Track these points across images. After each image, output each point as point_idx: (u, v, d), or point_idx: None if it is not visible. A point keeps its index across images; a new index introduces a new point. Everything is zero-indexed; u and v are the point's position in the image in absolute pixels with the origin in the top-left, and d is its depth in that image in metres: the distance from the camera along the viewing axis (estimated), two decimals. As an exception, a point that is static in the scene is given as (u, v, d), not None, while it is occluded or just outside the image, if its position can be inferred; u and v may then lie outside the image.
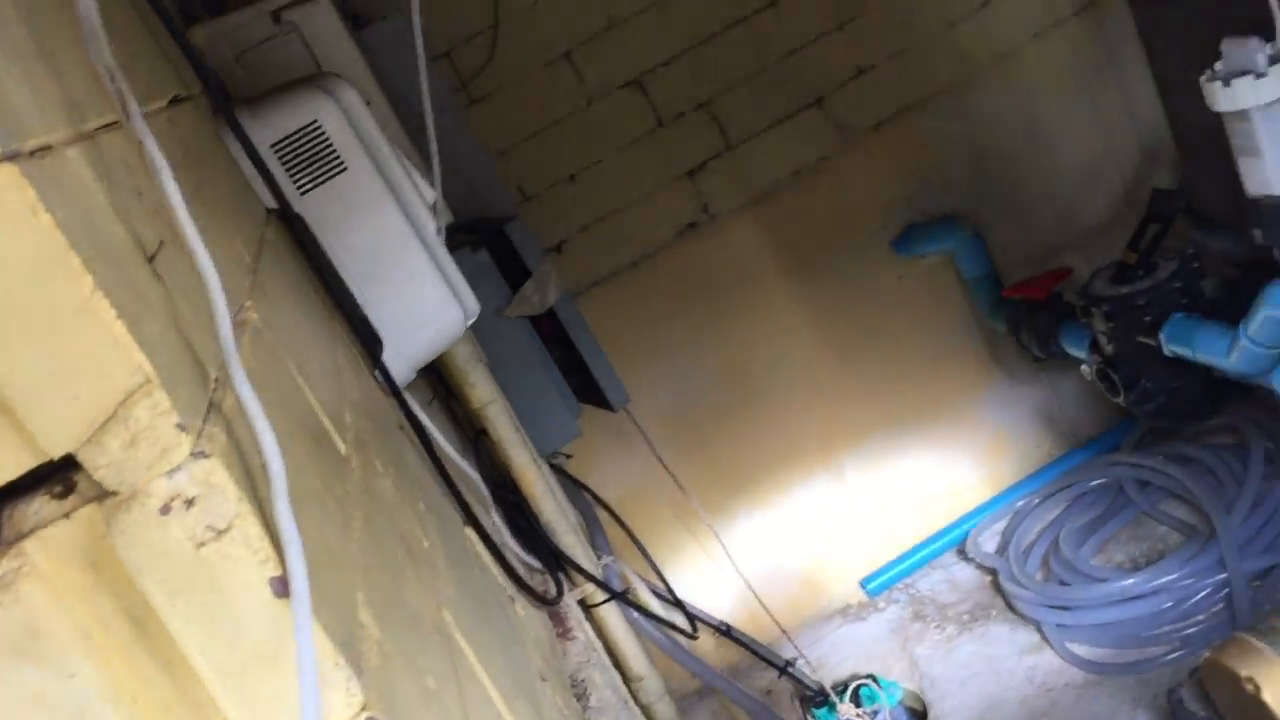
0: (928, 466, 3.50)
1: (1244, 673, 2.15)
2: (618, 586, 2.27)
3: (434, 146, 1.75)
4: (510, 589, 1.58)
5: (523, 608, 1.64)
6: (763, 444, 3.38)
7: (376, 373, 1.35)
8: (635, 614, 2.23)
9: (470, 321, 1.61)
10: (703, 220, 3.17)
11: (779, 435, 3.38)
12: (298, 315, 1.13)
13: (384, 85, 1.98)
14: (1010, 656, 3.10)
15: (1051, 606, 3.05)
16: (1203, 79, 2.30)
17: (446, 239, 1.64)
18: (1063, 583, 3.07)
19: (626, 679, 2.14)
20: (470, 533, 1.44)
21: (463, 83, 2.92)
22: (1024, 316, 3.11)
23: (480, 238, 2.31)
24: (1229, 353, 2.49)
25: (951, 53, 3.18)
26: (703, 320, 3.25)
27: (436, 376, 2.11)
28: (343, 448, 0.96)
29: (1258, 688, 2.12)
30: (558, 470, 2.53)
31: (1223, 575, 2.83)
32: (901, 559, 3.51)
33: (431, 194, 1.62)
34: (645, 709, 2.13)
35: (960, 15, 3.15)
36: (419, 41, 1.71)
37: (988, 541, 3.40)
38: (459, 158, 2.38)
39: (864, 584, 3.49)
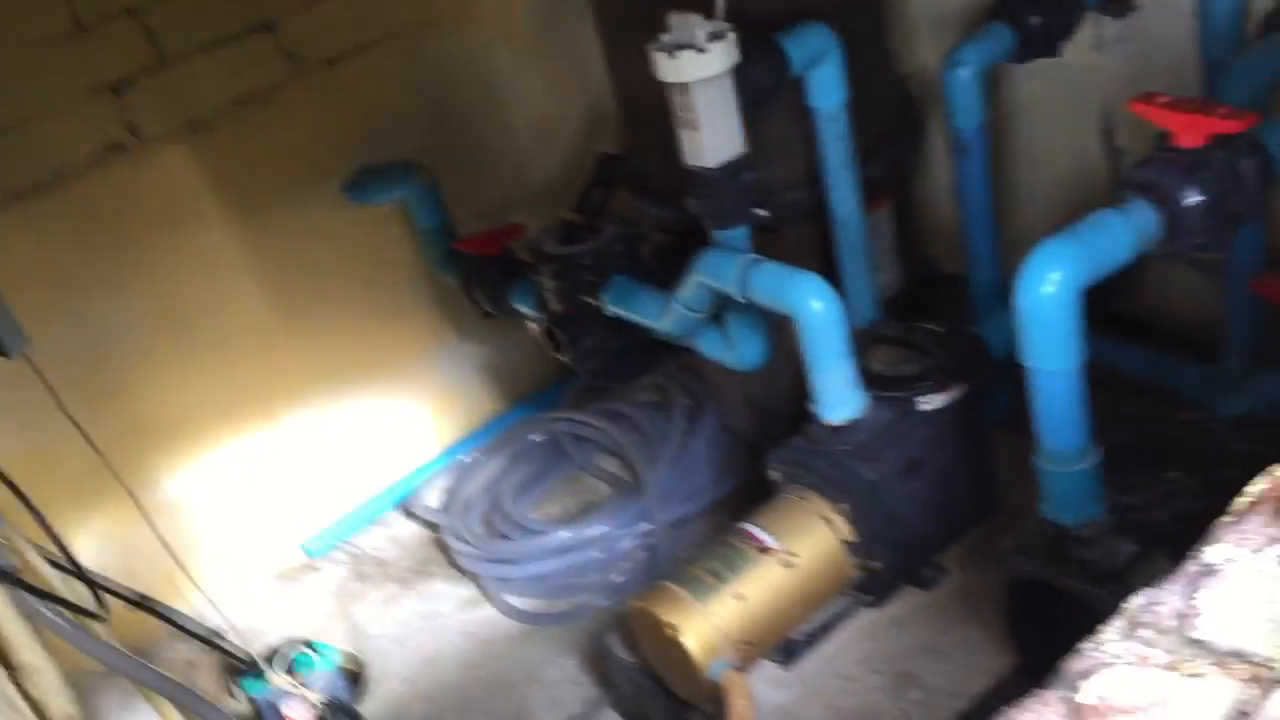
0: (373, 422, 3.39)
1: (666, 618, 2.27)
2: (6, 563, 1.92)
3: None
4: None
5: None
6: (196, 396, 3.08)
7: None
8: (26, 595, 1.90)
9: None
10: (130, 144, 2.80)
11: (215, 387, 3.10)
12: None
13: None
14: (450, 612, 3.09)
15: (490, 560, 3.07)
16: (651, 47, 2.37)
17: None
18: (504, 537, 3.11)
19: (13, 671, 1.82)
20: None
21: None
22: (475, 271, 3.09)
23: None
24: (662, 315, 2.62)
25: (412, -6, 3.08)
26: (129, 258, 2.88)
27: None
28: None
29: (678, 631, 2.25)
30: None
31: (647, 526, 3.01)
32: (343, 518, 3.37)
33: None
34: (37, 705, 1.82)
35: (421, -47, 3.05)
36: None
37: (431, 498, 3.36)
38: None
39: (303, 545, 3.31)
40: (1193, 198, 1.84)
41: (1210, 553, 1.14)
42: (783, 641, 2.42)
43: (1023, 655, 2.25)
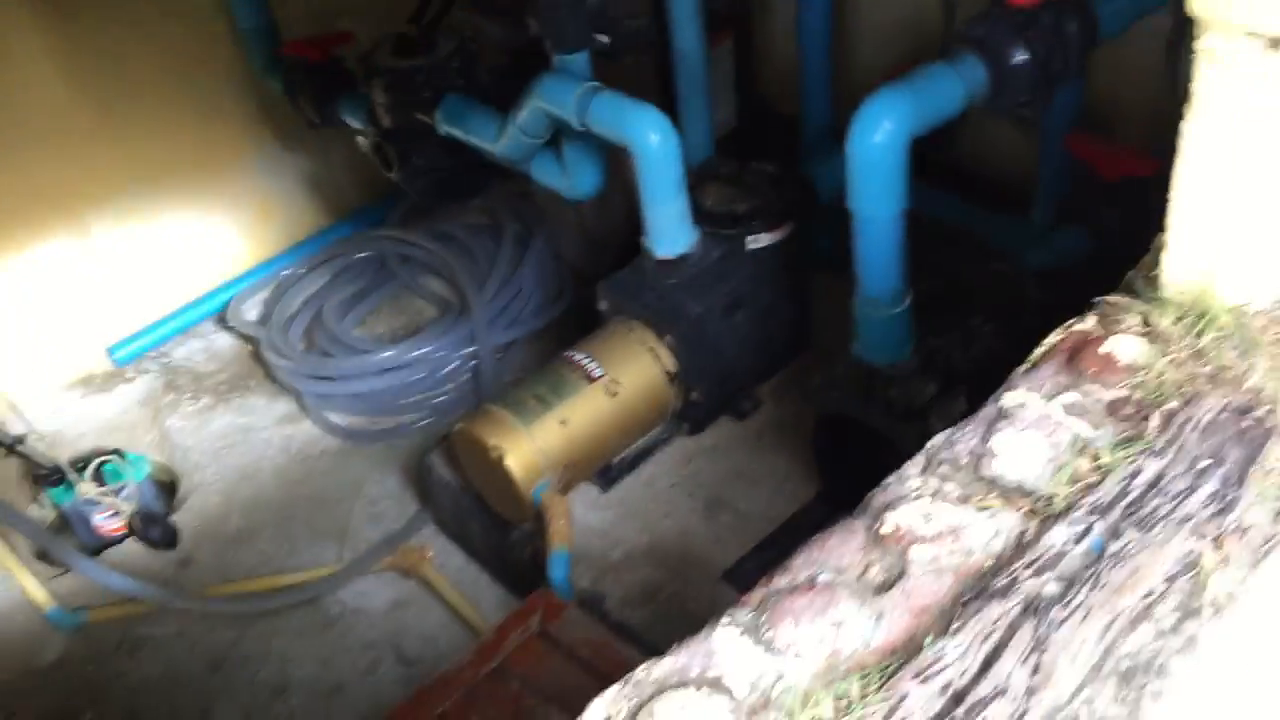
0: (187, 229, 3.25)
1: (491, 440, 2.31)
2: None
3: None
4: None
5: None
6: (-7, 196, 2.89)
7: None
8: None
9: None
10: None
11: (15, 188, 2.91)
12: None
13: None
14: (268, 427, 3.06)
15: (311, 376, 3.04)
16: None
17: None
18: (325, 353, 3.07)
19: None
20: None
21: None
22: (301, 78, 2.95)
23: None
24: (497, 138, 2.57)
25: None
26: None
27: None
28: None
29: (503, 454, 2.29)
30: None
31: (473, 348, 3.02)
32: (155, 326, 3.26)
33: None
34: None
35: None
36: None
37: (250, 310, 3.28)
38: None
39: (111, 351, 3.20)
40: (1020, 56, 1.90)
41: (1007, 398, 1.23)
42: (603, 466, 2.50)
43: (826, 484, 2.38)
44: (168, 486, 2.94)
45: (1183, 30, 2.58)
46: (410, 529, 2.73)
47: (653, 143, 2.29)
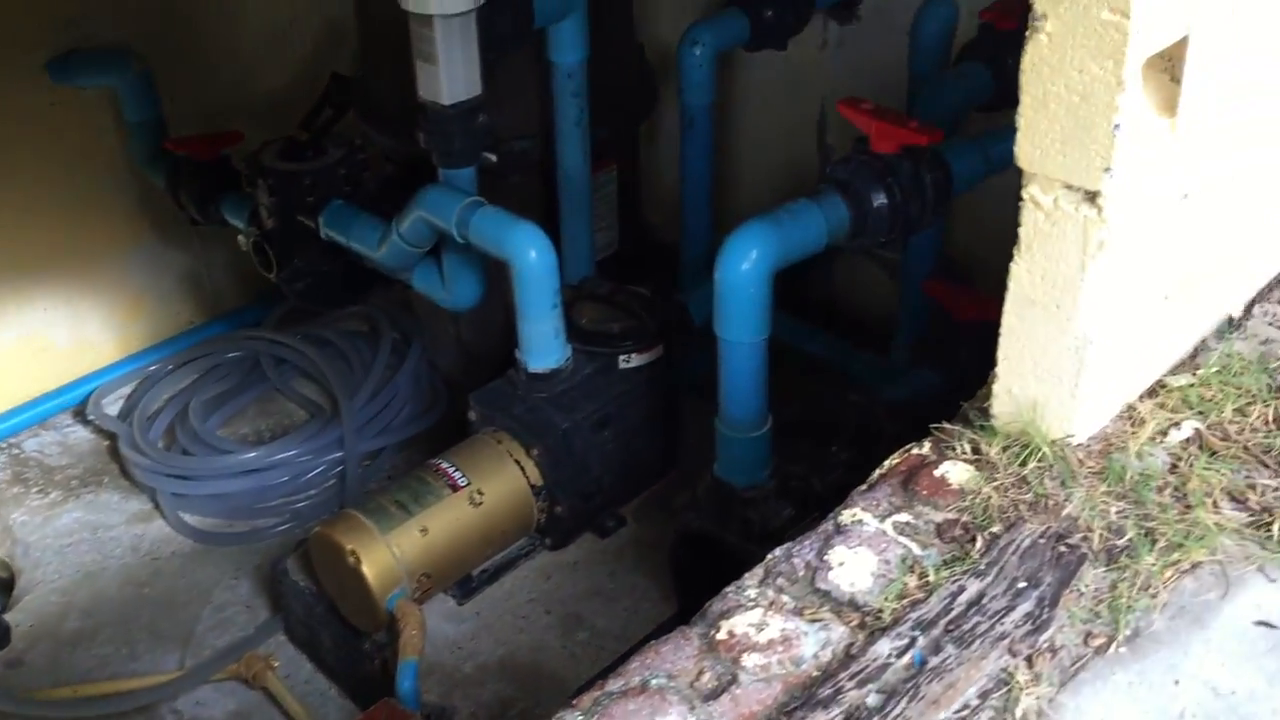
0: (53, 318, 3.18)
1: (348, 545, 2.28)
2: None
3: None
4: None
5: None
6: None
7: None
8: None
9: None
10: None
11: None
12: None
13: None
14: (118, 525, 2.96)
15: (168, 475, 2.96)
16: (397, -26, 2.35)
17: None
18: (186, 452, 3.01)
19: None
20: None
21: None
22: (186, 175, 2.95)
23: None
24: (379, 245, 2.60)
25: None
26: None
27: None
28: None
29: (359, 559, 2.26)
30: None
31: (339, 454, 2.98)
32: (7, 415, 3.16)
33: None
34: None
35: None
36: None
37: (111, 405, 3.20)
38: None
39: (-42, 440, 3.09)
40: (879, 199, 2.01)
41: (844, 515, 1.28)
42: (462, 577, 2.48)
43: (683, 603, 2.40)
44: (5, 583, 2.82)
45: (1035, 188, 2.77)
46: (259, 637, 2.65)
47: (531, 259, 2.34)
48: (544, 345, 2.46)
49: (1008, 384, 1.31)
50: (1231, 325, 1.47)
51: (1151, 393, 1.37)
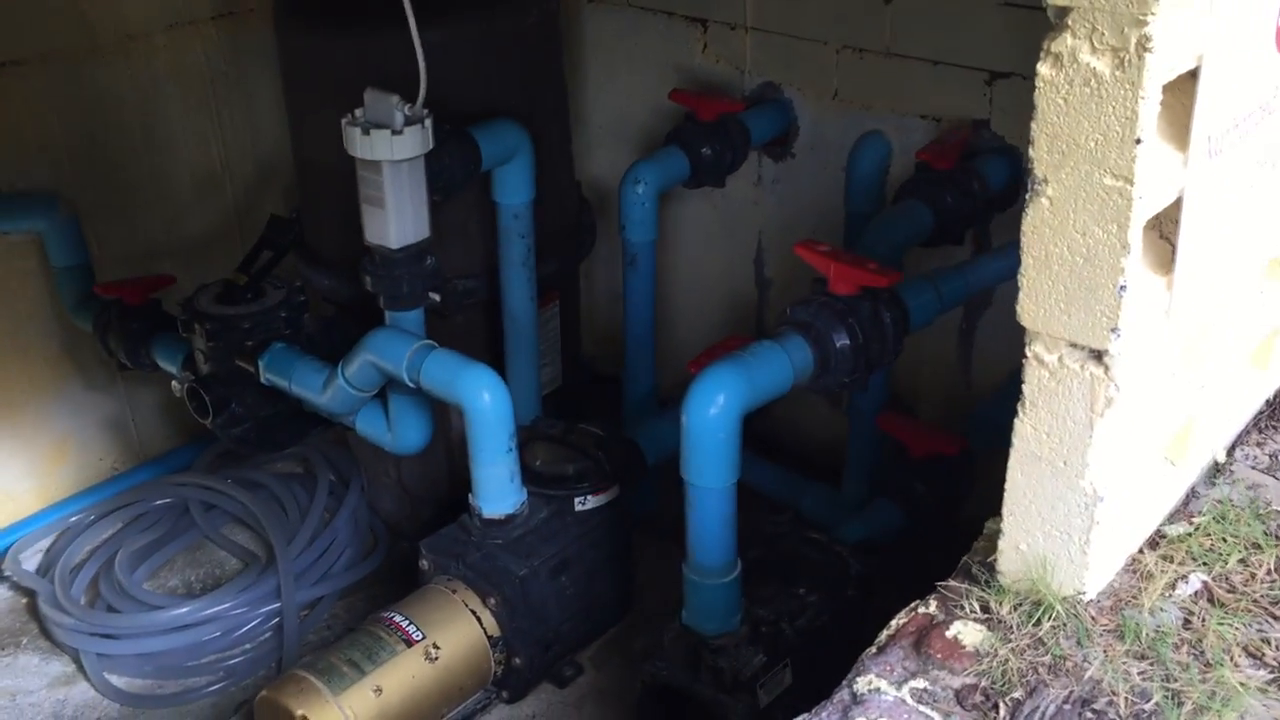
0: (-32, 467, 3.03)
1: (298, 710, 2.16)
2: None
3: None
4: None
5: None
6: None
7: None
8: None
9: None
10: None
11: None
12: None
13: None
14: (39, 690, 2.78)
15: (92, 634, 2.80)
16: (345, 121, 2.34)
17: None
18: (111, 608, 2.85)
19: None
20: None
21: None
22: (115, 319, 2.86)
23: None
24: (323, 390, 2.53)
25: (74, 15, 2.86)
26: None
27: None
28: None
29: (309, 725, 2.15)
30: None
31: (276, 605, 2.86)
32: (-83, 573, 2.98)
33: None
34: None
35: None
36: None
37: (30, 560, 3.04)
38: None
39: None
40: (842, 340, 2.02)
41: (859, 683, 1.24)
42: (415, 737, 2.37)
43: (650, 756, 2.32)
44: (-87, 759, 2.62)
45: (974, 321, 2.83)
46: (195, 808, 2.49)
47: (485, 403, 2.30)
48: (499, 490, 2.40)
49: (1014, 540, 1.30)
50: (1217, 470, 1.49)
51: (1152, 544, 1.37)
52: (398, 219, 2.39)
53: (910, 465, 2.51)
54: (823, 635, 2.20)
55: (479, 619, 2.37)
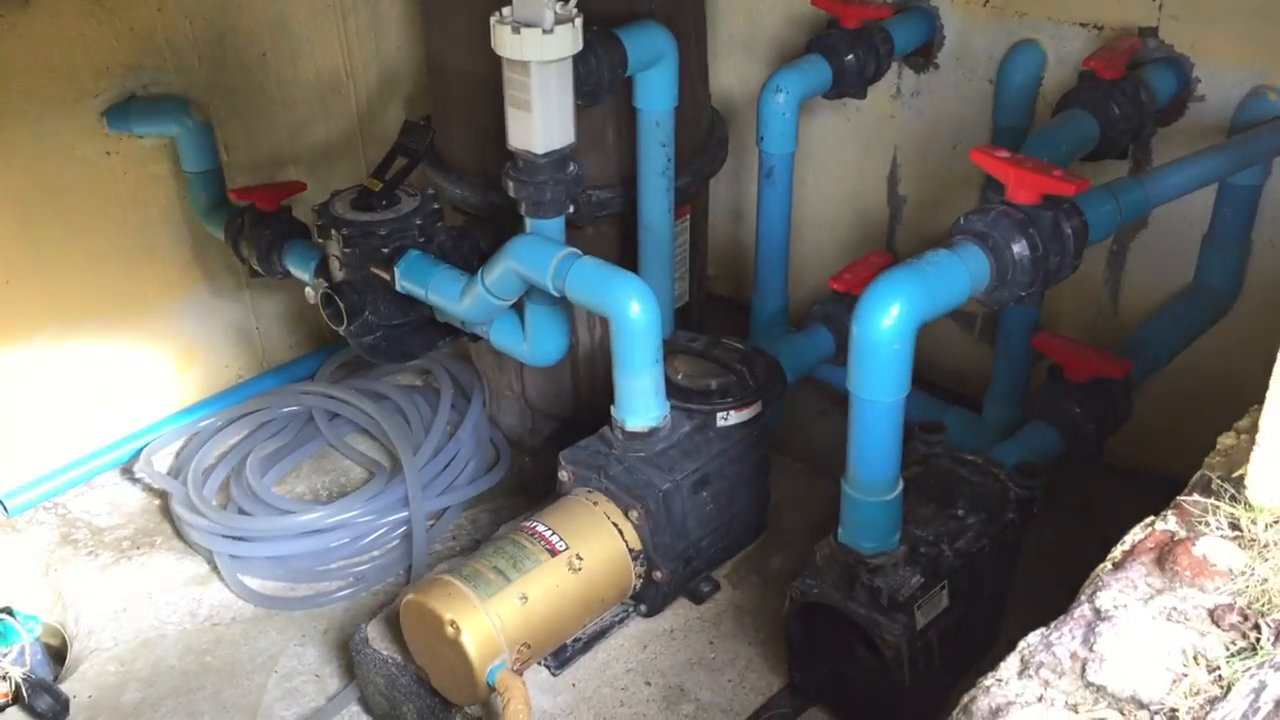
0: (101, 372, 3.05)
1: (447, 614, 2.15)
2: None
3: None
4: None
5: None
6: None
7: None
8: None
9: None
10: None
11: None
12: None
13: None
14: (175, 588, 2.83)
15: (226, 536, 2.84)
16: (493, 19, 2.26)
17: None
18: (243, 512, 2.88)
19: None
20: None
21: None
22: (247, 225, 2.84)
23: None
24: (461, 298, 2.50)
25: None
26: None
27: None
28: None
29: (459, 629, 2.14)
30: None
31: (404, 514, 2.87)
32: (53, 474, 3.02)
33: None
34: None
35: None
36: None
37: (161, 462, 3.07)
38: None
39: (2, 500, 2.94)
40: (1022, 251, 1.94)
41: (1101, 598, 1.18)
42: (557, 647, 2.36)
43: (798, 675, 2.29)
44: (57, 651, 2.67)
45: (1126, 243, 2.71)
46: (332, 708, 2.52)
47: (634, 313, 2.24)
48: (643, 402, 2.36)
49: (1271, 462, 1.22)
50: None
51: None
52: (544, 123, 2.32)
53: (1068, 388, 2.43)
54: (981, 558, 2.14)
55: (620, 531, 2.34)
